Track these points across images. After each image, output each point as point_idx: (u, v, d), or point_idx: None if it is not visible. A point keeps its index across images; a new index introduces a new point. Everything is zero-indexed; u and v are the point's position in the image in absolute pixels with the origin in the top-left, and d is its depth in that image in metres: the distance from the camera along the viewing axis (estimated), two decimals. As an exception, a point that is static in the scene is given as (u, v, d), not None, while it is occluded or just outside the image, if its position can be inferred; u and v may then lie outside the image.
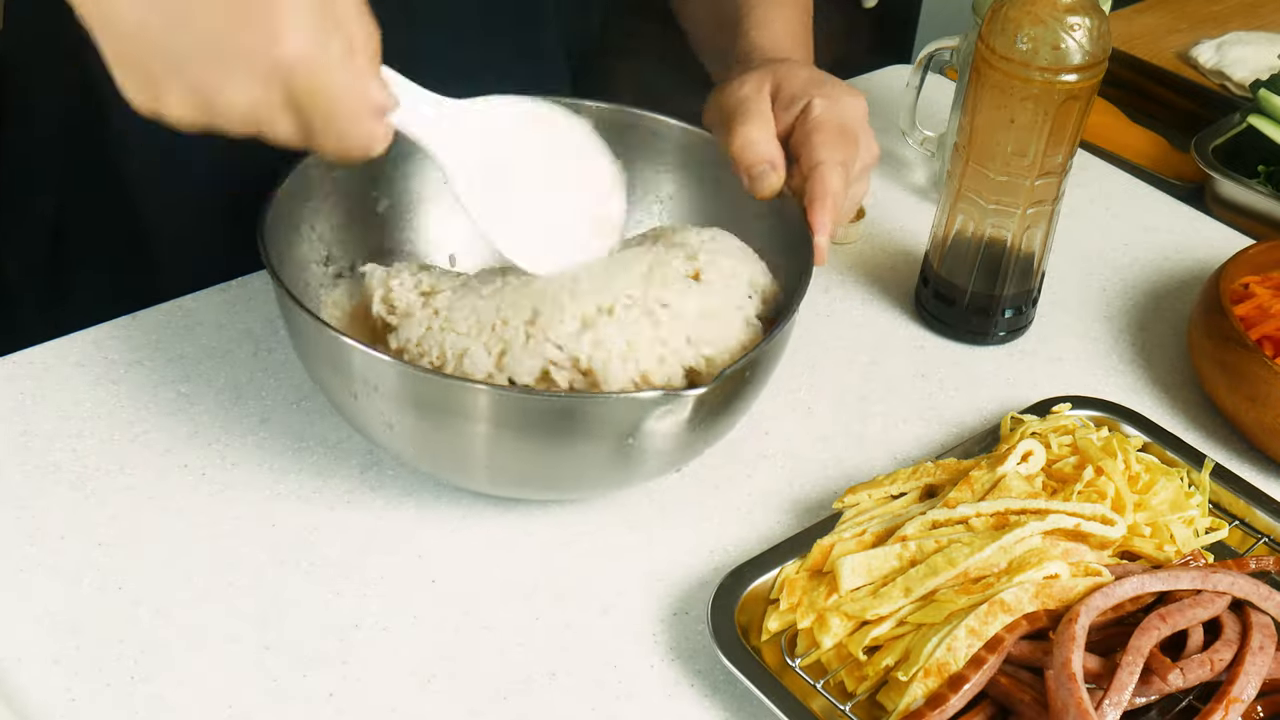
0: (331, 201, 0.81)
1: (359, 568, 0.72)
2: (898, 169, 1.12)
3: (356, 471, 0.78)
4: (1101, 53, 0.81)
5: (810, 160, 0.80)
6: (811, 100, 0.81)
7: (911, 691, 0.64)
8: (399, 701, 0.66)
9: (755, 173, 0.79)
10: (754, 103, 0.81)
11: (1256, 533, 0.78)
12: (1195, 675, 0.64)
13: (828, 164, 0.79)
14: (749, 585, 0.70)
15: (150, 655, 0.67)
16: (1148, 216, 1.09)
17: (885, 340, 0.93)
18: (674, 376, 0.72)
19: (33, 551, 0.71)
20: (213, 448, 0.78)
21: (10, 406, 0.80)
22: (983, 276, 0.90)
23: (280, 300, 0.70)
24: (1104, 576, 0.68)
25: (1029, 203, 0.86)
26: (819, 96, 0.81)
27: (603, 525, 0.76)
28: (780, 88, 0.82)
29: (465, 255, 0.86)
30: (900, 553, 0.70)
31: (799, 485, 0.80)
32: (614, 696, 0.67)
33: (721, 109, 0.82)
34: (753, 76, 0.83)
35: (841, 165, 0.79)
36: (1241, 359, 0.83)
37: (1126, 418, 0.83)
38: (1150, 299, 1.00)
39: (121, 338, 0.85)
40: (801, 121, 0.81)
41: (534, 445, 0.68)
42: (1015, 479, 0.74)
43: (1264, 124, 1.15)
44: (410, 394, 0.67)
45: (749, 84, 0.82)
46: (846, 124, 0.81)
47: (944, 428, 0.86)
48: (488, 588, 0.72)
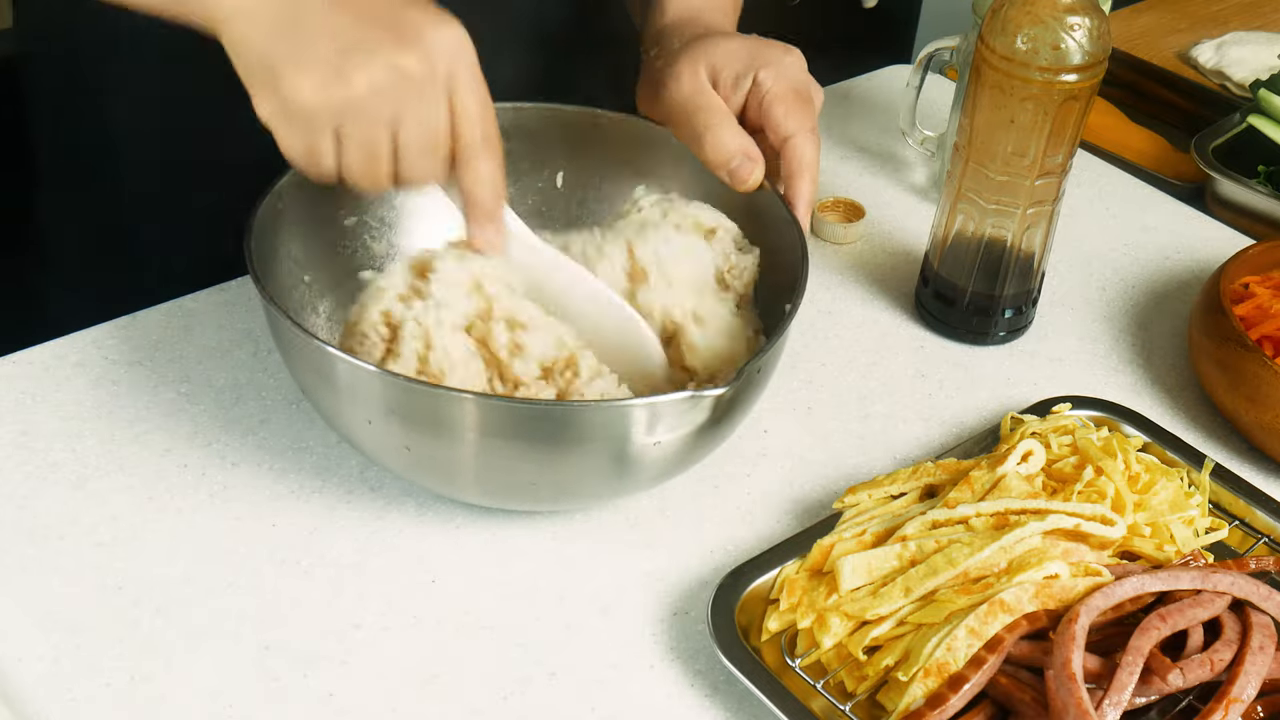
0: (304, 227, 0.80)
1: (359, 568, 0.72)
2: (898, 169, 1.12)
3: (356, 471, 0.78)
4: (1101, 53, 0.81)
5: (779, 134, 0.80)
6: (757, 74, 0.81)
7: (911, 691, 0.64)
8: (399, 701, 0.66)
9: (734, 166, 0.79)
10: (704, 98, 0.81)
11: (1256, 533, 0.78)
12: (1195, 675, 0.64)
13: (798, 135, 0.79)
14: (749, 585, 0.70)
15: (150, 655, 0.67)
16: (1148, 216, 1.09)
17: (885, 340, 0.93)
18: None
19: (33, 551, 0.71)
20: (213, 448, 0.78)
21: (10, 406, 0.80)
22: (983, 276, 0.90)
23: (266, 310, 0.70)
24: (1104, 576, 0.68)
25: (1029, 203, 0.86)
26: (762, 68, 0.81)
27: (603, 525, 0.76)
28: (717, 70, 0.82)
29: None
30: (900, 553, 0.70)
31: (799, 485, 0.80)
32: (614, 696, 0.67)
33: (670, 109, 0.82)
34: (685, 67, 0.82)
35: (811, 133, 0.80)
36: (1241, 359, 0.83)
37: (1126, 418, 0.83)
38: (1150, 299, 1.00)
39: (121, 338, 0.85)
40: (754, 97, 0.81)
41: (539, 455, 0.67)
42: (1015, 479, 0.74)
43: (1264, 124, 1.15)
44: (408, 407, 0.67)
45: (685, 77, 0.81)
46: (799, 86, 0.81)
47: (944, 428, 0.86)
48: (488, 588, 0.72)
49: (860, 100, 1.20)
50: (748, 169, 0.79)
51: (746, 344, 0.79)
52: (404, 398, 0.66)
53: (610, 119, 0.85)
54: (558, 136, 0.86)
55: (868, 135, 1.16)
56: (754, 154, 0.79)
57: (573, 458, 0.68)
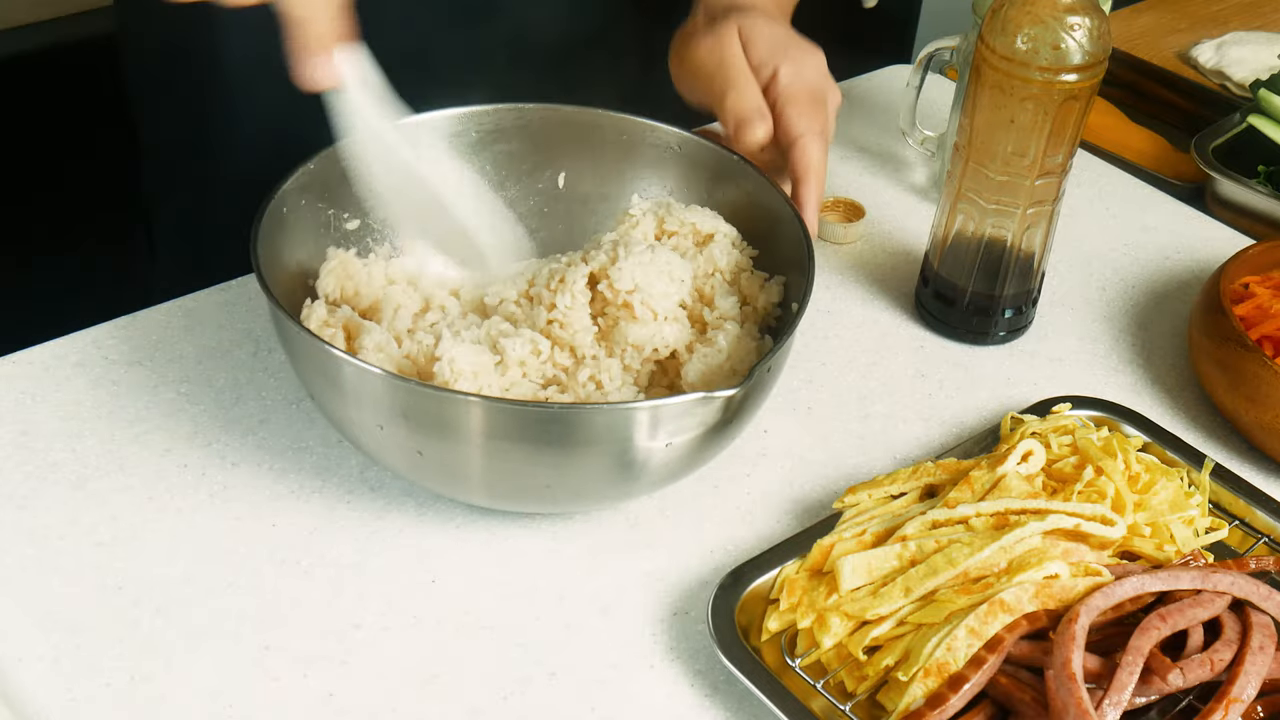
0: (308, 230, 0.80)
1: (359, 568, 0.72)
2: (898, 169, 1.12)
3: (356, 471, 0.78)
4: (1101, 53, 0.81)
5: (788, 135, 0.80)
6: (778, 67, 0.82)
7: (911, 691, 0.64)
8: (399, 701, 0.66)
9: (744, 119, 0.80)
10: (735, 59, 0.82)
11: (1256, 533, 0.78)
12: (1195, 675, 0.64)
13: (807, 137, 0.80)
14: (749, 585, 0.70)
15: (150, 655, 0.67)
16: (1148, 216, 1.09)
17: (885, 340, 0.93)
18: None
19: (33, 551, 0.71)
20: (213, 448, 0.78)
21: (10, 406, 0.80)
22: (983, 276, 0.90)
23: (274, 316, 0.70)
24: (1104, 576, 0.68)
25: (1029, 203, 0.86)
26: (785, 63, 0.82)
27: (603, 525, 0.76)
28: (748, 47, 0.83)
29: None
30: (900, 553, 0.70)
31: (799, 485, 0.80)
32: (614, 696, 0.67)
33: (699, 63, 0.83)
34: (725, 29, 0.83)
35: (820, 135, 0.80)
36: (1241, 359, 0.83)
37: (1126, 418, 0.83)
38: (1150, 299, 1.00)
39: (121, 338, 0.85)
40: (770, 90, 0.82)
41: (553, 457, 0.67)
42: (1015, 479, 0.74)
43: (1264, 124, 1.15)
44: (422, 411, 0.66)
45: (723, 37, 0.83)
46: (815, 89, 0.82)
47: (944, 428, 0.86)
48: (488, 588, 0.72)
49: (860, 100, 1.20)
50: (757, 124, 0.80)
51: (756, 350, 0.78)
52: (418, 402, 0.66)
53: (612, 119, 0.85)
54: (559, 137, 0.86)
55: (868, 135, 1.16)
56: (766, 113, 0.80)
57: (587, 460, 0.68)
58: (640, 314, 0.76)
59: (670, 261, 0.78)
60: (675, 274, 0.78)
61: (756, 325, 0.80)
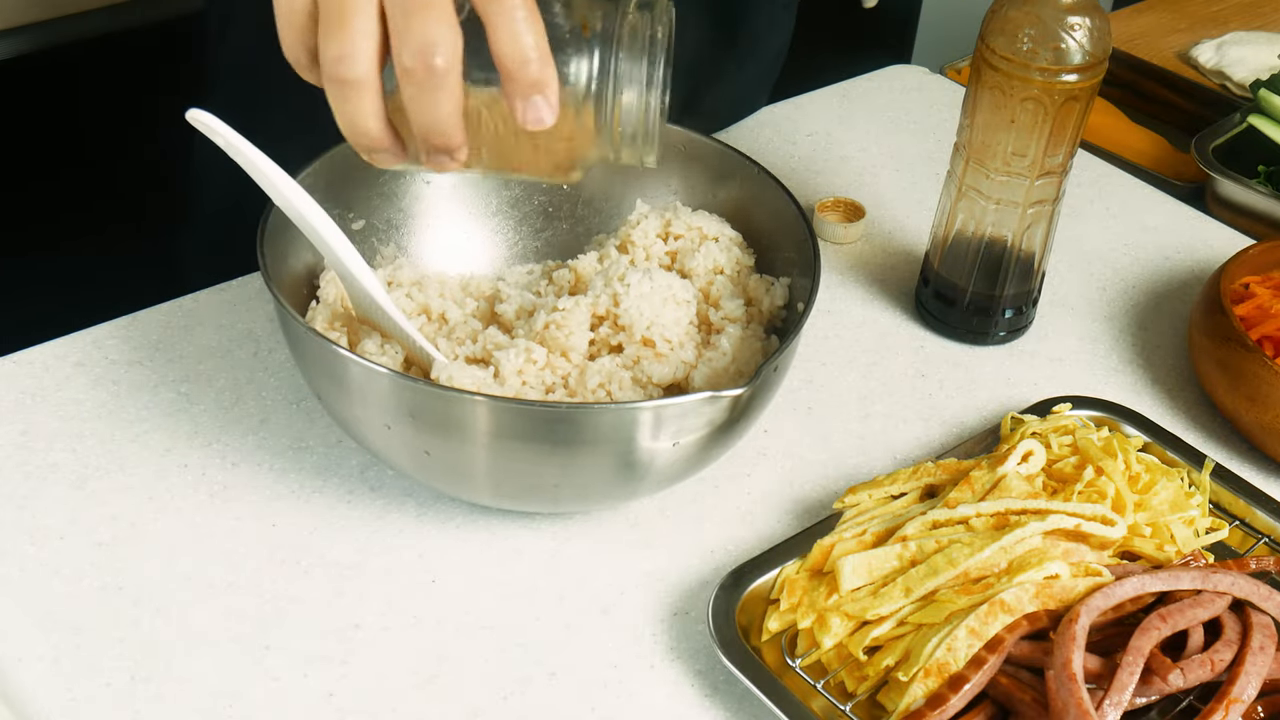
0: None
1: (359, 568, 0.72)
2: (898, 169, 1.12)
3: (356, 471, 0.78)
4: (1101, 53, 0.81)
5: None
6: None
7: (912, 692, 0.64)
8: (399, 701, 0.66)
9: None
10: None
11: (1256, 533, 0.78)
12: (1195, 675, 0.64)
13: None
14: (749, 585, 0.70)
15: (150, 655, 0.67)
16: (1148, 216, 1.09)
17: (885, 340, 0.93)
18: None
19: (33, 551, 0.71)
20: (213, 448, 0.78)
21: (10, 406, 0.80)
22: (983, 276, 0.90)
23: (281, 317, 0.70)
24: (1104, 576, 0.68)
25: (1029, 203, 0.86)
26: None
27: (603, 525, 0.76)
28: None
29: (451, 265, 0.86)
30: (900, 553, 0.70)
31: (799, 485, 0.80)
32: (614, 696, 0.67)
33: None
34: None
35: None
36: (1241, 359, 0.83)
37: (1126, 418, 0.83)
38: (1150, 299, 1.00)
39: (121, 338, 0.85)
40: None
41: (561, 457, 0.67)
42: (1015, 479, 0.74)
43: (1264, 124, 1.15)
44: (429, 411, 0.66)
45: None
46: None
47: (944, 428, 0.86)
48: (488, 588, 0.72)
49: (860, 100, 1.20)
50: None
51: (761, 350, 0.78)
52: (425, 402, 0.66)
53: None
54: None
55: (868, 135, 1.16)
56: None
57: (594, 459, 0.67)
58: (661, 349, 0.76)
59: (671, 285, 0.77)
60: (679, 296, 0.77)
61: (761, 326, 0.80)
